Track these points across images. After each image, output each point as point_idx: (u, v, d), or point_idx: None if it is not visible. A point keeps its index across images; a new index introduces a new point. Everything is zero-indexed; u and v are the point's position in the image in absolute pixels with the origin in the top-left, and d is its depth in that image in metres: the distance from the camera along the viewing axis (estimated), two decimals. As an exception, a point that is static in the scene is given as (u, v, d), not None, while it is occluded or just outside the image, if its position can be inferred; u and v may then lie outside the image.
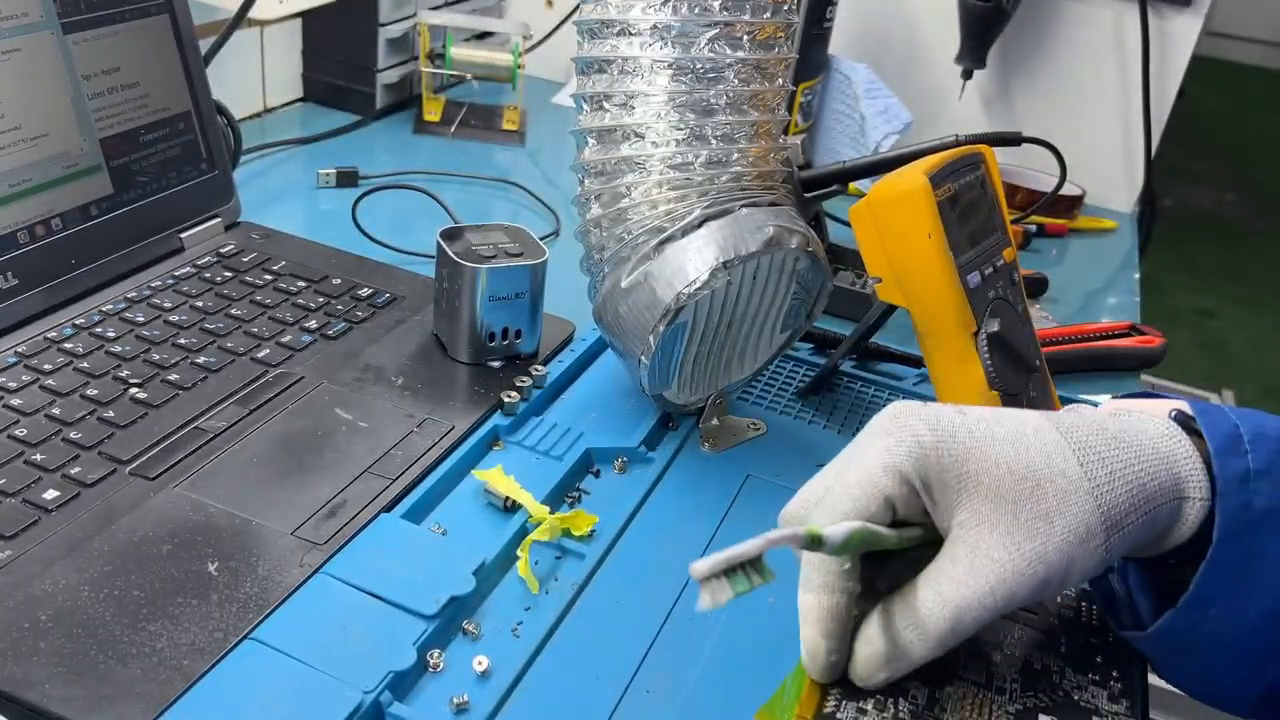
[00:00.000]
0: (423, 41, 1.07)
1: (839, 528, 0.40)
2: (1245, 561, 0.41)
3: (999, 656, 0.48)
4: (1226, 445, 0.42)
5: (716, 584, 0.38)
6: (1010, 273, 0.62)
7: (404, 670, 0.44)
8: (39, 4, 0.64)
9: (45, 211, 0.65)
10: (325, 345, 0.66)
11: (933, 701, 0.45)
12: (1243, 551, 0.41)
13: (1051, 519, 0.39)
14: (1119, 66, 1.11)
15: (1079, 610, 0.52)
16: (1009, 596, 0.39)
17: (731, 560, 0.38)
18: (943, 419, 0.41)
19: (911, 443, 0.41)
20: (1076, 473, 0.40)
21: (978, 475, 0.40)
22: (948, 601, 0.40)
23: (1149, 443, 0.42)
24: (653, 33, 0.56)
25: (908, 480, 0.41)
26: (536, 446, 0.60)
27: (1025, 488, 0.40)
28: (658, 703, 0.46)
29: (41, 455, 0.54)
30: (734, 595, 0.38)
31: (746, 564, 0.38)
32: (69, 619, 0.45)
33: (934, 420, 0.41)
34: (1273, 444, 0.42)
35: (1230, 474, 0.41)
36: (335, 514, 0.52)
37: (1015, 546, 0.39)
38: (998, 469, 0.40)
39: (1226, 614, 0.42)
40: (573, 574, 0.52)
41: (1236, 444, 0.42)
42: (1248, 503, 0.41)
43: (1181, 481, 0.41)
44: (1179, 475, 0.41)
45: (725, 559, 0.38)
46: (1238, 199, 3.53)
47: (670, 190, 0.56)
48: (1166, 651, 0.45)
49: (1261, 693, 0.44)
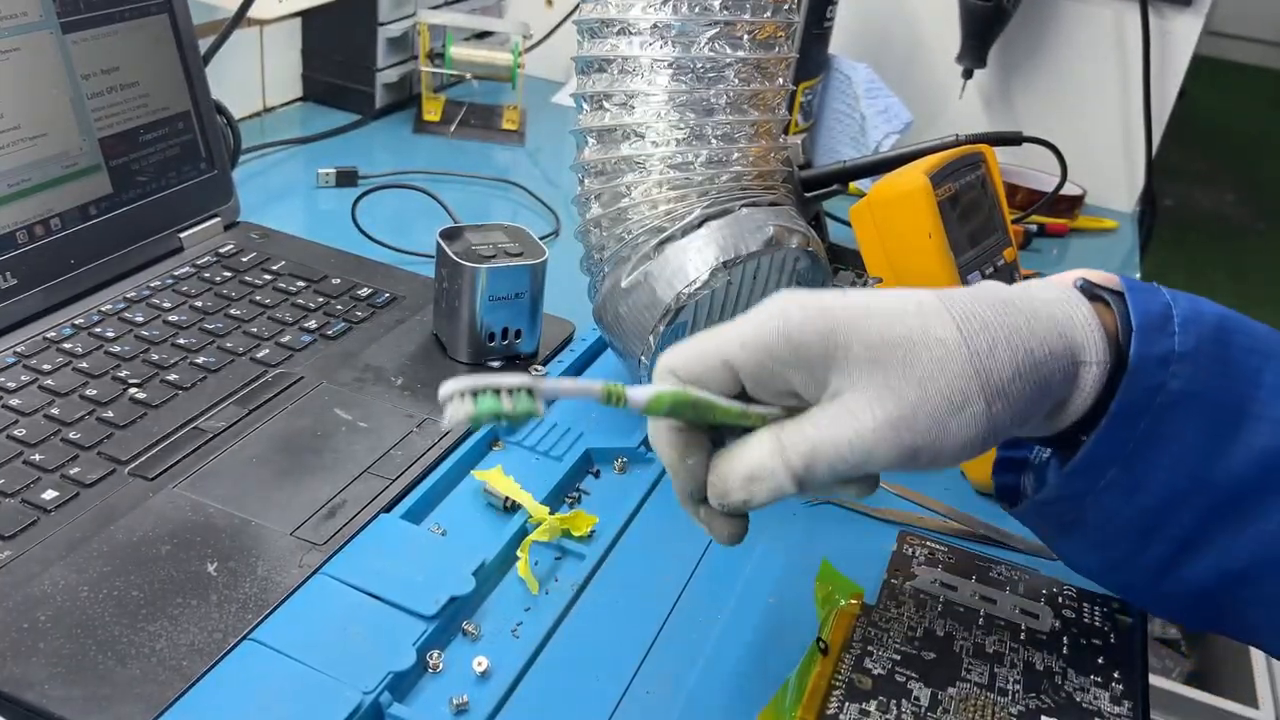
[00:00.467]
0: (422, 41, 1.07)
1: (643, 389, 0.39)
2: (1150, 441, 0.40)
3: (1002, 658, 0.48)
4: (1152, 323, 0.40)
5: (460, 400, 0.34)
6: (1011, 272, 0.62)
7: (403, 671, 0.44)
8: (38, 3, 0.63)
9: (44, 211, 0.65)
10: (325, 345, 0.66)
11: (935, 703, 0.45)
12: (1149, 430, 0.40)
13: (924, 384, 0.38)
14: (1120, 66, 1.11)
15: (1080, 611, 0.52)
16: (867, 453, 0.38)
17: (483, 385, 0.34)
18: (817, 298, 0.40)
19: (779, 320, 0.39)
20: (954, 338, 0.38)
21: (848, 344, 0.39)
22: (809, 438, 0.39)
23: (1041, 308, 0.40)
24: (653, 32, 0.56)
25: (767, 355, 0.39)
26: (536, 447, 0.60)
27: (898, 354, 0.38)
28: (658, 703, 0.46)
29: (41, 455, 0.53)
30: (478, 414, 0.34)
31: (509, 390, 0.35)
32: (68, 619, 0.45)
33: (807, 299, 0.40)
34: (1204, 329, 0.41)
35: (1150, 352, 0.40)
36: (335, 514, 0.52)
37: (880, 407, 0.38)
38: (869, 336, 0.39)
39: (1120, 487, 0.41)
40: (572, 574, 0.52)
41: (1164, 324, 0.41)
42: (1162, 384, 0.40)
43: (1076, 346, 0.40)
44: (1073, 340, 0.40)
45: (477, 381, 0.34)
46: (1238, 199, 3.53)
47: (670, 190, 0.56)
48: (1055, 523, 0.45)
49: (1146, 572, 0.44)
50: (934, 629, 0.49)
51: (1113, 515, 0.43)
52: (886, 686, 0.46)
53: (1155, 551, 0.43)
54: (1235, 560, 0.42)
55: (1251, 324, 0.43)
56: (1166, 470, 0.41)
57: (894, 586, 0.52)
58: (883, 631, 0.49)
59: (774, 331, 0.39)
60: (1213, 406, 0.41)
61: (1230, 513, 0.42)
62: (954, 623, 0.50)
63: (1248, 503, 0.42)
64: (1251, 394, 0.41)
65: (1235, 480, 0.41)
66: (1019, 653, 0.49)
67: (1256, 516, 0.42)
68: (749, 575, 0.53)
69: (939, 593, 0.52)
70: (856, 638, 0.48)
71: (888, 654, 0.48)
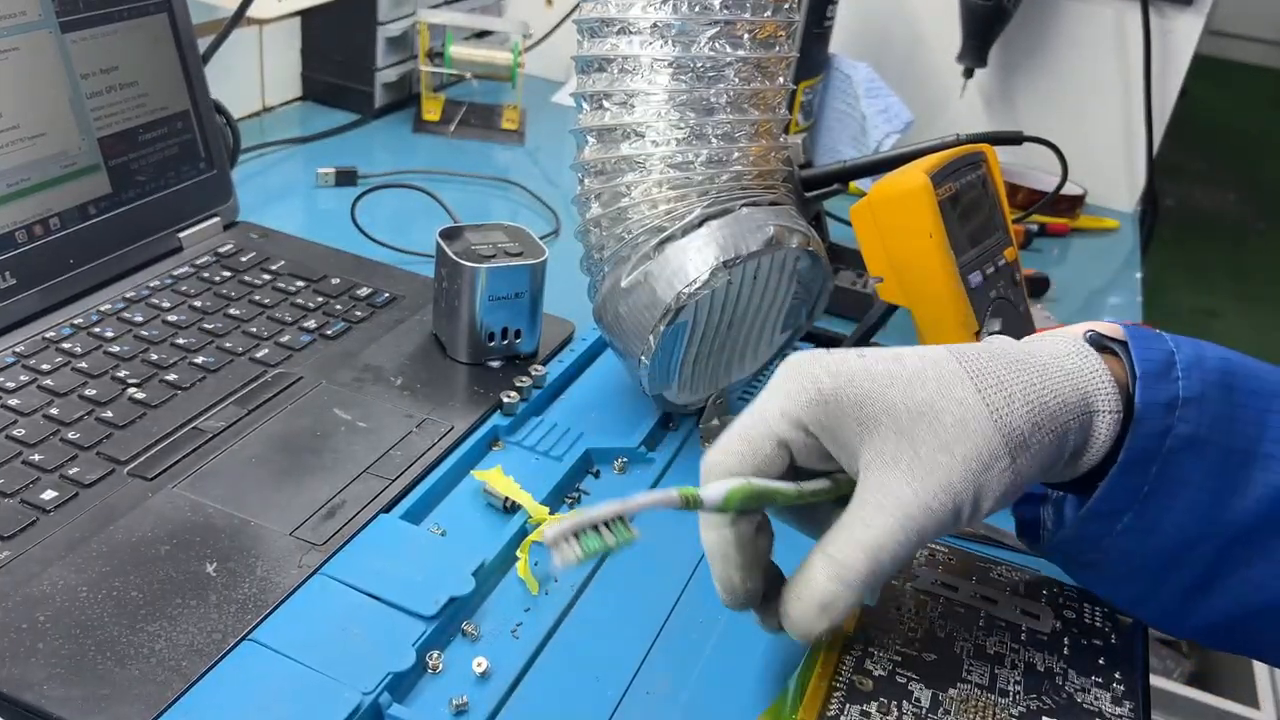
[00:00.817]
0: (422, 40, 1.07)
1: (716, 487, 0.40)
2: (1162, 485, 0.41)
3: (1003, 659, 0.48)
4: (1157, 370, 0.41)
5: (567, 545, 0.37)
6: (1012, 272, 0.62)
7: (403, 671, 0.44)
8: (37, 3, 0.63)
9: (43, 211, 0.64)
10: (324, 345, 0.66)
11: (936, 704, 0.45)
12: (1160, 474, 0.41)
13: (951, 449, 0.39)
14: (1121, 65, 1.11)
15: (1081, 611, 0.51)
16: (920, 532, 0.40)
17: (582, 524, 0.37)
18: (842, 364, 0.41)
19: (812, 390, 0.41)
20: (974, 399, 0.40)
21: (877, 416, 0.40)
22: (861, 545, 0.40)
23: (1053, 361, 0.42)
24: (653, 31, 0.55)
25: (804, 427, 0.41)
26: (536, 447, 0.59)
27: (923, 422, 0.40)
28: (658, 704, 0.46)
29: (40, 455, 0.53)
30: (585, 555, 0.37)
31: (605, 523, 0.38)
32: (67, 620, 0.45)
33: (833, 366, 0.41)
34: (1209, 374, 0.42)
35: (1156, 399, 0.41)
36: (334, 514, 0.52)
37: (919, 481, 0.39)
38: (895, 408, 0.40)
39: (1136, 530, 0.42)
40: (572, 575, 0.52)
41: (1168, 370, 0.42)
42: (1169, 429, 0.41)
43: (1089, 396, 0.41)
44: (1086, 390, 0.41)
45: (576, 522, 0.37)
46: (1239, 198, 3.53)
47: (670, 189, 0.56)
48: (1074, 562, 0.46)
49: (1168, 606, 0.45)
50: (934, 630, 0.49)
51: (1129, 555, 0.44)
52: (887, 688, 0.46)
53: (1173, 588, 0.44)
54: (1256, 596, 0.43)
55: (1255, 364, 0.44)
56: (1180, 513, 0.42)
57: (894, 587, 0.52)
58: (883, 633, 0.49)
59: (810, 403, 0.41)
60: (1221, 449, 0.42)
61: (1244, 551, 0.43)
62: (954, 624, 0.50)
63: (1261, 539, 0.42)
64: (1258, 434, 0.42)
65: (1248, 519, 0.42)
66: (1020, 653, 0.48)
67: (1272, 551, 0.42)
68: (749, 575, 0.53)
69: (939, 593, 0.52)
70: (857, 639, 0.48)
71: (888, 655, 0.48)
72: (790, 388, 0.41)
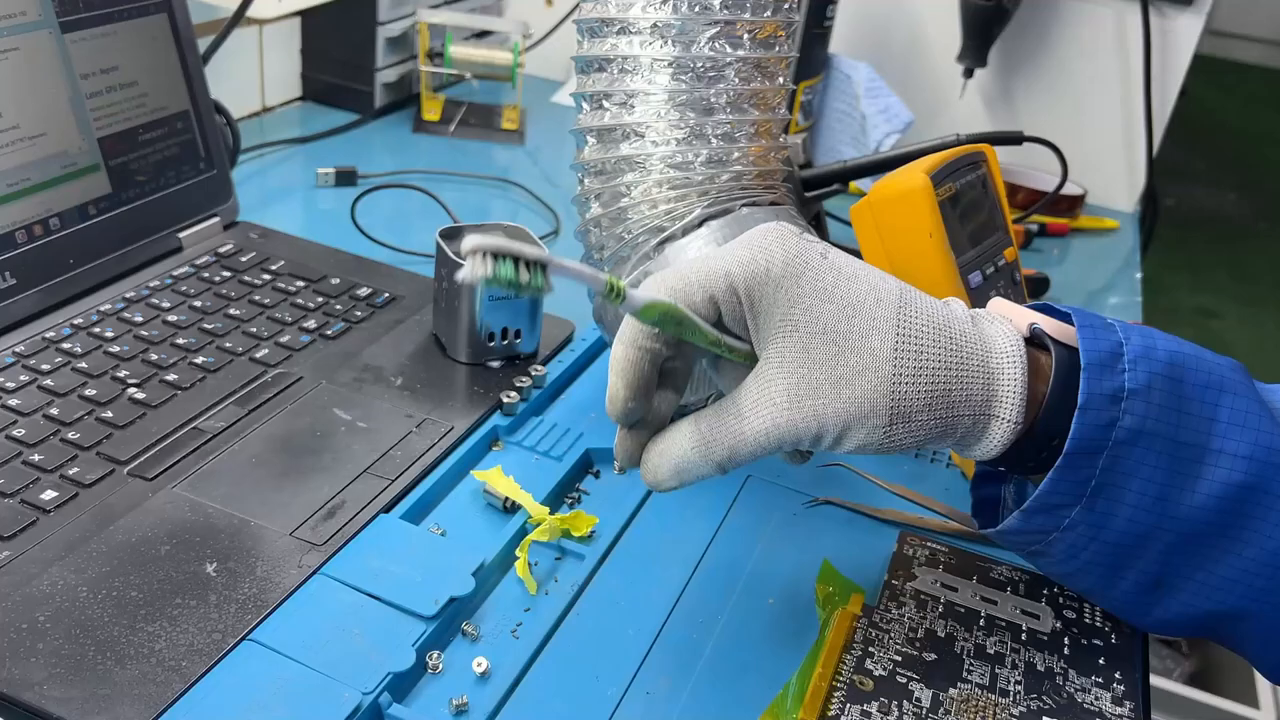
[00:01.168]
0: (422, 40, 1.07)
1: (642, 292, 0.40)
2: (1109, 477, 0.41)
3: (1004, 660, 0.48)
4: (1101, 361, 0.42)
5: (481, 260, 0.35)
6: (1012, 272, 0.62)
7: (403, 671, 0.44)
8: (37, 3, 0.63)
9: (43, 211, 0.64)
10: (324, 345, 0.66)
11: (936, 704, 0.45)
12: (1106, 468, 0.41)
13: (839, 386, 0.40)
14: (1121, 65, 1.11)
15: (1081, 611, 0.51)
16: (781, 440, 0.41)
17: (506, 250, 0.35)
18: (800, 258, 0.41)
19: (762, 267, 0.41)
20: (886, 356, 0.40)
21: (796, 321, 0.41)
22: (730, 432, 0.42)
23: (979, 352, 0.42)
24: (653, 31, 0.55)
25: (738, 295, 0.41)
26: (536, 447, 0.59)
27: (831, 350, 0.40)
28: (658, 704, 0.46)
29: (40, 455, 0.53)
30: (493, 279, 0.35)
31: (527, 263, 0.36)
32: (67, 620, 0.45)
33: (792, 254, 0.41)
34: (1157, 366, 0.42)
35: (1099, 390, 0.41)
36: (334, 515, 0.52)
37: (799, 399, 0.40)
38: (815, 323, 0.41)
39: (1084, 525, 0.43)
40: (572, 575, 0.52)
41: (1114, 361, 0.42)
42: (1114, 420, 0.41)
43: (994, 400, 0.41)
44: (994, 393, 0.41)
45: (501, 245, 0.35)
46: (1239, 198, 3.53)
47: (670, 189, 0.56)
48: (1023, 550, 0.46)
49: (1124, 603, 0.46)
50: (935, 630, 0.49)
51: (1078, 551, 0.44)
52: (887, 688, 0.46)
53: (1126, 586, 0.45)
54: (1211, 600, 0.43)
55: (1208, 358, 0.44)
56: (1130, 507, 0.42)
57: (895, 587, 0.52)
58: (883, 632, 0.49)
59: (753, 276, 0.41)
60: (1170, 442, 0.42)
61: (1195, 553, 0.43)
62: (955, 623, 0.50)
63: (1214, 539, 0.42)
64: (1208, 429, 0.42)
65: (1199, 515, 0.42)
66: (1020, 653, 0.48)
67: (1225, 553, 0.42)
68: (749, 576, 0.53)
69: (940, 593, 0.52)
70: (857, 639, 0.48)
71: (889, 655, 0.48)
72: (744, 256, 0.41)
